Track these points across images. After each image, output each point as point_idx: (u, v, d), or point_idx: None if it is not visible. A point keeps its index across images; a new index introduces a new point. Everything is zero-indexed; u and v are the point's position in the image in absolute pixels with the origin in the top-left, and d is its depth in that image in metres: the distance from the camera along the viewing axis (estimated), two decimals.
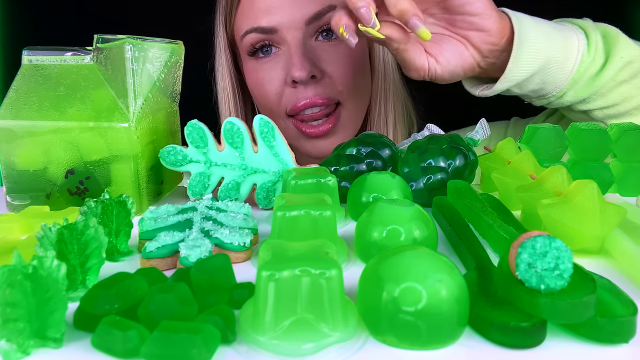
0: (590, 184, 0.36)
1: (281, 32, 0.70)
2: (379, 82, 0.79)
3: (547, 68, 0.56)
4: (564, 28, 0.58)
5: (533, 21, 0.56)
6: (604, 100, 0.58)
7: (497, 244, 0.35)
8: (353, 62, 0.74)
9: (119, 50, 0.45)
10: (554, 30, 0.56)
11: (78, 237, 0.31)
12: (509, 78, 0.56)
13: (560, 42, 0.56)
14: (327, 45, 0.72)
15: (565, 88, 0.58)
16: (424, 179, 0.47)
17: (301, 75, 0.68)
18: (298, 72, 0.68)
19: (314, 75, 0.70)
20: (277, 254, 0.27)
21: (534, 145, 0.50)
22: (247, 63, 0.76)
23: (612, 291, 0.28)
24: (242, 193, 0.49)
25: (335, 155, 0.51)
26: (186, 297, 0.27)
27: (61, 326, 0.26)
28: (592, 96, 0.58)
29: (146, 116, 0.47)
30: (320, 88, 0.71)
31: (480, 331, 0.27)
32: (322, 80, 0.71)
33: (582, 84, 0.57)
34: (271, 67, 0.73)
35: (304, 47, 0.70)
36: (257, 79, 0.75)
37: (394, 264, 0.27)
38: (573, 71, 0.57)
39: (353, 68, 0.74)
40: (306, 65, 0.69)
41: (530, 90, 0.59)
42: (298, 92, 0.71)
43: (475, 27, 0.54)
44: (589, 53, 0.57)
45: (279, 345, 0.25)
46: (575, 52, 0.56)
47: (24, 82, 0.46)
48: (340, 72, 0.72)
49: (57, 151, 0.46)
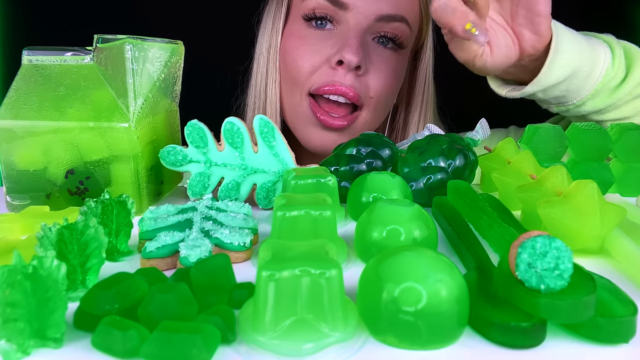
0: (590, 184, 0.36)
1: (350, 12, 0.69)
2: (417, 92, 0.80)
3: (575, 77, 0.58)
4: (592, 40, 0.60)
5: (567, 30, 0.57)
6: (618, 113, 0.60)
7: (497, 244, 0.35)
8: (394, 76, 0.74)
9: (119, 50, 0.45)
10: (584, 41, 0.58)
11: (78, 237, 0.31)
12: (540, 82, 0.57)
13: (590, 53, 0.58)
14: (381, 49, 0.72)
15: (586, 98, 0.59)
16: (424, 179, 0.47)
17: (352, 59, 0.67)
18: (351, 55, 0.67)
19: (360, 66, 0.69)
20: (277, 254, 0.27)
21: (534, 145, 0.50)
22: (295, 24, 0.73)
23: (612, 291, 0.28)
24: (242, 193, 0.49)
25: (335, 155, 0.51)
26: (186, 297, 0.27)
27: (61, 326, 0.26)
28: (608, 107, 0.60)
29: (146, 116, 0.47)
30: (357, 83, 0.70)
31: (480, 331, 0.27)
32: (361, 77, 0.70)
33: (603, 95, 0.59)
34: (320, 40, 0.71)
35: (363, 38, 0.70)
36: (299, 45, 0.72)
37: (394, 264, 0.27)
38: (597, 82, 0.58)
39: (391, 82, 0.74)
40: (360, 52, 0.68)
41: (553, 97, 0.60)
42: (336, 75, 0.69)
43: (533, 29, 0.54)
44: (613, 66, 0.59)
45: (279, 345, 0.25)
46: (602, 64, 0.58)
47: (24, 82, 0.46)
48: (379, 80, 0.72)
49: (57, 151, 0.46)
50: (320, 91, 0.70)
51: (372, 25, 0.69)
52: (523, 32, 0.55)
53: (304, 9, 0.71)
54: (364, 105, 0.72)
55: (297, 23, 0.73)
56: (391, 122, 0.84)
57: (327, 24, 0.71)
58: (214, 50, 0.92)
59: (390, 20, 0.70)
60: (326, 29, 0.71)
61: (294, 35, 0.73)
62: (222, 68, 0.84)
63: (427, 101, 0.82)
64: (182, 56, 0.54)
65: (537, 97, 0.61)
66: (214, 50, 0.92)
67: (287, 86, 0.75)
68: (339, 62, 0.69)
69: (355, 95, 0.70)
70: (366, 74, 0.71)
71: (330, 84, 0.69)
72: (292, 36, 0.74)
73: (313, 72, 0.71)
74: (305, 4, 0.71)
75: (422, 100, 0.82)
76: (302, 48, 0.72)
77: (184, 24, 0.84)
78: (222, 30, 0.98)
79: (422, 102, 0.82)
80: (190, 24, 0.92)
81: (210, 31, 0.96)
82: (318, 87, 0.70)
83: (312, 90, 0.71)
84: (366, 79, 0.71)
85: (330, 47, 0.70)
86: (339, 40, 0.70)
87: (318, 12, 0.70)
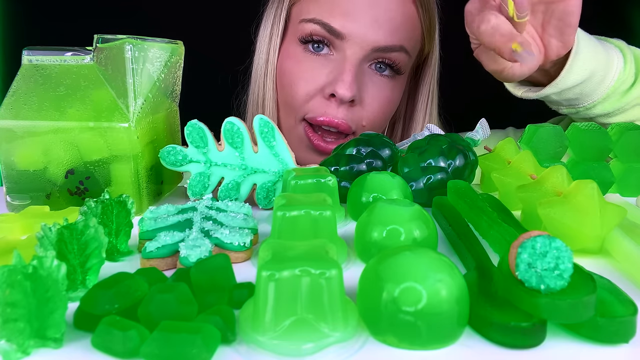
0: (590, 184, 0.36)
1: (346, 43, 0.67)
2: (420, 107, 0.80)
3: (590, 80, 0.58)
4: (606, 45, 0.60)
5: (584, 34, 0.58)
6: (625, 116, 0.61)
7: (497, 244, 0.35)
8: (388, 104, 0.73)
9: (119, 50, 0.45)
10: (600, 45, 0.59)
11: (78, 237, 0.31)
12: (558, 84, 0.58)
13: (605, 57, 0.59)
14: (377, 77, 0.71)
15: (597, 101, 0.60)
16: (424, 179, 0.47)
17: (345, 95, 0.66)
18: (344, 90, 0.66)
19: (353, 100, 0.68)
20: (277, 254, 0.27)
21: (534, 145, 0.50)
22: (291, 46, 0.72)
23: (612, 291, 0.28)
24: (242, 193, 0.49)
25: (335, 155, 0.51)
26: (186, 297, 0.27)
27: (61, 326, 0.26)
28: (616, 111, 0.61)
29: (146, 116, 0.47)
30: (350, 114, 0.69)
31: (480, 331, 0.27)
32: (354, 107, 0.70)
33: (613, 99, 0.60)
34: (316, 67, 0.70)
35: (359, 68, 0.68)
36: (296, 70, 0.71)
37: (394, 264, 0.27)
38: (609, 86, 0.59)
39: (386, 109, 0.73)
40: (354, 87, 0.67)
41: (566, 99, 0.61)
42: (328, 107, 0.69)
43: (561, 38, 0.54)
44: (624, 71, 0.59)
45: (279, 345, 0.25)
46: (615, 68, 0.59)
47: (24, 82, 0.46)
48: (373, 108, 0.71)
49: (57, 151, 0.46)
50: (313, 121, 0.70)
51: (368, 55, 0.68)
52: (551, 41, 0.55)
53: (301, 31, 0.70)
54: (356, 132, 0.72)
55: (293, 44, 0.72)
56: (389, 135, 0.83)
57: (324, 48, 0.70)
58: (214, 50, 0.92)
59: (388, 51, 0.68)
60: (322, 54, 0.70)
61: (291, 57, 0.72)
62: (223, 68, 0.84)
63: (430, 114, 0.81)
64: (182, 56, 0.54)
65: (551, 99, 0.61)
66: (214, 50, 0.92)
67: (283, 107, 0.75)
68: (331, 95, 0.68)
69: (347, 128, 0.70)
70: (360, 103, 0.70)
71: (324, 115, 0.69)
72: (289, 58, 0.73)
73: (308, 100, 0.70)
74: (302, 27, 0.70)
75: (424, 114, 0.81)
76: (298, 75, 0.71)
77: (184, 24, 0.84)
78: (222, 30, 0.98)
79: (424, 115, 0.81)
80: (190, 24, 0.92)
81: (210, 31, 0.96)
82: (312, 116, 0.70)
83: (306, 117, 0.71)
84: (360, 109, 0.70)
85: (325, 76, 0.69)
86: (334, 70, 0.69)
87: (314, 37, 0.69)
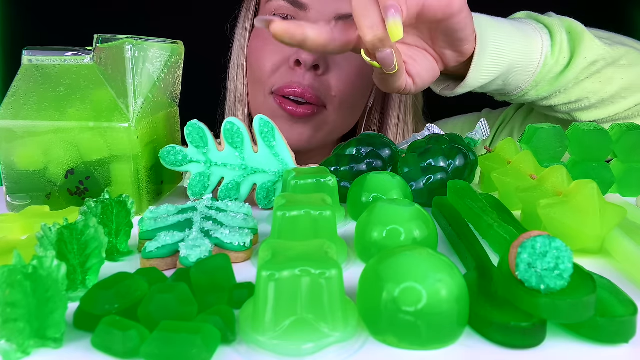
0: (590, 184, 0.36)
1: (310, 12, 0.69)
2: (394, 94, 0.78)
3: (509, 72, 0.56)
4: (528, 28, 0.57)
5: (494, 25, 0.55)
6: (566, 97, 0.59)
7: (497, 244, 0.35)
8: (357, 75, 0.73)
9: (119, 50, 0.45)
10: (517, 33, 0.56)
11: (78, 237, 0.31)
12: (469, 84, 0.56)
13: (523, 45, 0.55)
14: None
15: (526, 89, 0.58)
16: (424, 179, 0.47)
17: (307, 59, 0.67)
18: (306, 55, 0.67)
19: (318, 65, 0.69)
20: (277, 254, 0.27)
21: (534, 145, 0.50)
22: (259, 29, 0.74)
23: (612, 291, 0.28)
24: (242, 193, 0.49)
25: (335, 155, 0.51)
26: (186, 297, 0.27)
27: (61, 326, 0.26)
28: (553, 94, 0.59)
29: (146, 116, 0.47)
30: (317, 83, 0.70)
31: (480, 331, 0.27)
32: (322, 77, 0.70)
33: (544, 84, 0.58)
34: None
35: None
36: (262, 45, 0.72)
37: (394, 264, 0.27)
38: (535, 73, 0.57)
39: (355, 80, 0.73)
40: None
41: (492, 90, 0.60)
42: (294, 75, 0.70)
43: (455, 49, 0.52)
44: (552, 54, 0.57)
45: (279, 345, 0.25)
46: (539, 54, 0.56)
47: (24, 82, 0.46)
48: (341, 78, 0.71)
49: (57, 151, 0.46)
50: (280, 92, 0.70)
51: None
52: (445, 52, 0.53)
53: (266, 11, 0.72)
54: (327, 104, 0.72)
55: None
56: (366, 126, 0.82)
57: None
58: (213, 50, 0.92)
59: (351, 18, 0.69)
60: None
61: (259, 36, 0.74)
62: (222, 68, 0.84)
63: (406, 104, 0.80)
64: (182, 56, 0.54)
65: (476, 92, 0.59)
66: (213, 51, 0.92)
67: (252, 86, 0.76)
68: (297, 62, 0.69)
69: (313, 97, 0.70)
70: (327, 72, 0.70)
71: (289, 84, 0.69)
72: (257, 37, 0.75)
73: (274, 71, 0.71)
74: (268, 5, 0.72)
75: (399, 103, 0.80)
76: (264, 48, 0.72)
77: (184, 24, 0.84)
78: (222, 30, 0.98)
79: (399, 105, 0.80)
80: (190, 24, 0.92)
81: (210, 31, 0.96)
82: (279, 87, 0.70)
83: (273, 89, 0.71)
84: (327, 78, 0.71)
85: (289, 47, 0.68)
86: None
87: (278, 13, 0.70)
